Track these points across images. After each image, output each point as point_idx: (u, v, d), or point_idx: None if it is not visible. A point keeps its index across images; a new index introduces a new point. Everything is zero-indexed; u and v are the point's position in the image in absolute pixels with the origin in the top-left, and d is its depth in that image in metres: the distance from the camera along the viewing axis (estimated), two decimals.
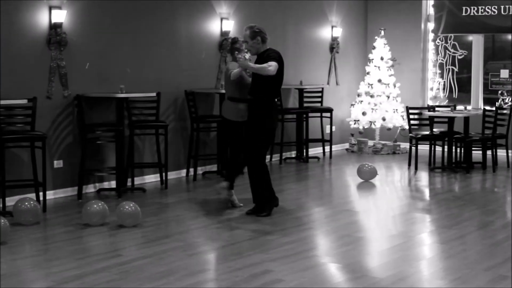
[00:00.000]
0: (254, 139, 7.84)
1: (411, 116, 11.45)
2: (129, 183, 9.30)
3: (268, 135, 7.88)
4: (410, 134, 11.33)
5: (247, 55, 7.98)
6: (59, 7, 8.69)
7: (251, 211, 7.92)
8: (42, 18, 8.60)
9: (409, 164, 11.41)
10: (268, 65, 7.55)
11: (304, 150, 12.07)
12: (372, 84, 13.07)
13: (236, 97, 8.10)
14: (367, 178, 10.03)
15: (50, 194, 8.58)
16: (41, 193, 8.10)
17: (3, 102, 7.83)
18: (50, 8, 8.65)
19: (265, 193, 7.87)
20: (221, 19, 10.97)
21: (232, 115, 8.15)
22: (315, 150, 12.64)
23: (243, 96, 8.00)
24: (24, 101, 8.02)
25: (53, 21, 8.65)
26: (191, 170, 10.26)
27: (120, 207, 7.34)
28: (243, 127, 8.01)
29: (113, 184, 9.20)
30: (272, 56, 7.70)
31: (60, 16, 8.67)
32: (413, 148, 11.26)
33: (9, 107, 8.13)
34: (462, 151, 11.12)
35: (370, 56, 13.31)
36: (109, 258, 6.16)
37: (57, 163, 8.81)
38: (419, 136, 11.15)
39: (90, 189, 9.14)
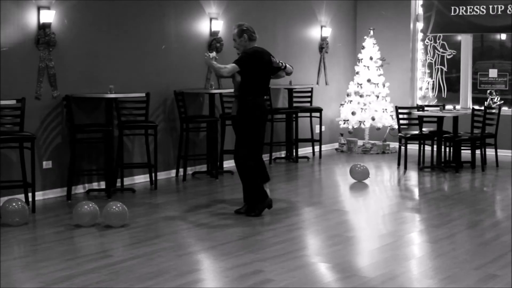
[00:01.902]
0: (239, 137, 7.89)
1: (401, 116, 11.47)
2: (118, 184, 9.28)
3: (251, 134, 7.85)
4: (400, 134, 11.35)
5: (213, 54, 8.03)
6: (48, 7, 8.66)
7: (240, 210, 7.91)
8: (31, 18, 8.57)
9: (399, 164, 11.43)
10: (224, 66, 7.78)
11: (294, 150, 12.07)
12: (361, 84, 13.09)
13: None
14: (359, 178, 10.04)
15: (39, 195, 8.54)
16: (30, 194, 8.07)
17: None
18: (39, 8, 8.62)
19: (254, 193, 7.86)
20: (210, 19, 10.96)
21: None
22: (304, 150, 12.65)
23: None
24: (13, 102, 7.99)
25: (41, 21, 8.62)
26: (181, 170, 10.24)
27: (107, 207, 7.32)
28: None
29: (102, 184, 9.18)
30: (240, 56, 7.89)
31: (49, 16, 8.64)
32: (403, 147, 11.29)
33: None
34: (451, 150, 11.15)
35: (359, 56, 13.32)
36: (98, 259, 6.15)
37: (46, 164, 8.79)
38: (409, 135, 11.17)
39: (79, 189, 9.11)
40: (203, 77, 10.85)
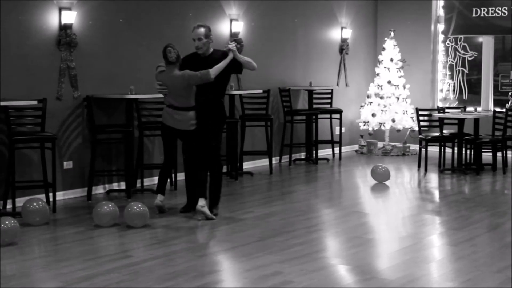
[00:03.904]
0: (215, 139, 7.84)
1: (421, 118, 11.43)
2: (138, 184, 9.31)
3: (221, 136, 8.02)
4: (420, 136, 11.30)
5: (233, 44, 7.88)
6: (69, 8, 8.71)
7: (185, 209, 8.02)
8: (52, 19, 8.62)
9: (419, 166, 11.38)
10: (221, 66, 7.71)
11: (314, 152, 12.05)
12: (381, 86, 13.05)
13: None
14: (380, 179, 10.01)
15: (60, 195, 8.59)
16: (51, 194, 8.12)
17: (14, 103, 7.85)
18: (60, 10, 8.67)
19: (219, 192, 7.95)
20: (231, 20, 10.98)
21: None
22: (324, 152, 12.62)
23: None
24: (34, 102, 8.03)
25: (63, 22, 8.67)
26: None
27: (128, 208, 7.34)
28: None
29: (122, 185, 9.22)
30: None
31: (70, 17, 8.69)
32: (423, 149, 11.23)
33: (19, 108, 8.16)
34: (472, 152, 11.08)
35: (380, 57, 13.28)
36: (118, 259, 6.17)
37: (67, 164, 8.83)
38: (429, 137, 11.12)
39: (99, 190, 9.15)
40: None
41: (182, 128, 7.78)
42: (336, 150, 12.64)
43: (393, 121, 12.87)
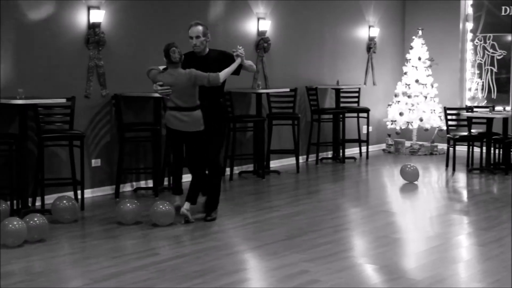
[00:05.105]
0: (218, 141, 7.69)
1: (449, 117, 11.36)
2: (166, 182, 9.34)
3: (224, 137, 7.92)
4: (448, 135, 11.23)
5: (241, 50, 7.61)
6: (98, 7, 8.76)
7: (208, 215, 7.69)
8: (81, 18, 8.68)
9: (447, 165, 11.31)
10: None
11: (341, 151, 12.02)
12: (409, 85, 12.99)
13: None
14: (409, 179, 9.96)
15: (88, 193, 8.65)
16: (79, 192, 8.18)
17: (43, 101, 7.92)
18: (89, 8, 8.73)
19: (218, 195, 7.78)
20: (258, 19, 10.98)
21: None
22: (351, 151, 12.58)
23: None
24: (63, 100, 8.09)
25: (91, 21, 8.72)
26: (228, 169, 10.27)
27: (154, 207, 7.37)
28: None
29: (150, 183, 9.26)
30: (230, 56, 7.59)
31: (99, 16, 8.74)
32: (451, 149, 11.16)
33: (48, 106, 8.23)
34: (501, 152, 11.00)
35: (408, 56, 13.22)
36: (145, 257, 6.20)
37: (95, 162, 8.89)
38: (457, 137, 11.05)
39: (127, 188, 9.20)
40: (251, 77, 10.86)
41: (191, 129, 7.38)
42: (363, 149, 12.60)
43: (421, 120, 12.81)
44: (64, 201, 7.49)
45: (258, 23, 10.98)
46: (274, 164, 11.08)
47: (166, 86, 7.36)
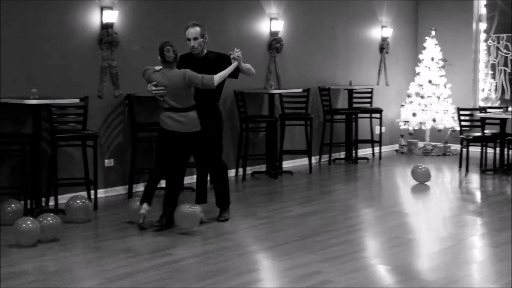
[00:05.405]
0: (217, 144, 7.57)
1: (462, 117, 11.33)
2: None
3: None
4: (461, 136, 11.20)
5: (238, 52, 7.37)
6: (111, 8, 8.79)
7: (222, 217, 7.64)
8: (94, 19, 8.71)
9: (460, 166, 11.27)
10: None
11: (353, 151, 12.00)
12: (422, 85, 12.96)
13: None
14: (421, 179, 9.94)
15: (101, 193, 8.67)
16: (92, 192, 8.20)
17: (56, 101, 7.95)
18: (102, 9, 8.75)
19: (228, 195, 7.75)
20: (270, 19, 10.98)
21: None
22: (364, 151, 12.57)
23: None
24: (76, 101, 8.11)
25: (104, 21, 8.75)
26: (240, 170, 10.27)
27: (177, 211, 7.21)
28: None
29: (163, 183, 9.24)
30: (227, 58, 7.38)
31: (112, 16, 8.76)
32: (464, 149, 11.12)
33: (62, 106, 8.26)
34: None
35: (420, 56, 13.19)
36: (159, 257, 6.21)
37: (108, 162, 8.92)
38: (470, 137, 11.01)
39: (140, 188, 9.20)
40: (263, 77, 10.87)
41: (189, 130, 7.13)
42: (376, 149, 12.58)
43: (434, 120, 12.77)
44: (78, 201, 7.53)
45: (271, 23, 10.98)
46: (286, 164, 11.08)
47: (161, 87, 7.12)
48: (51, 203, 8.05)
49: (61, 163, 8.23)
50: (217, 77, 7.15)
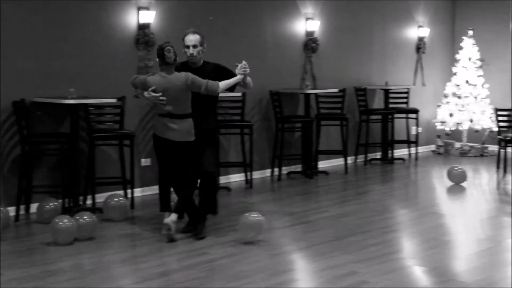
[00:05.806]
0: (212, 152, 7.15)
1: (500, 118, 11.21)
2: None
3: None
4: (499, 136, 11.08)
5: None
6: (147, 8, 8.84)
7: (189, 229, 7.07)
8: (131, 19, 8.77)
9: (498, 167, 11.15)
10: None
11: (390, 151, 11.94)
12: (459, 85, 12.85)
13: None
14: (456, 181, 9.86)
15: (138, 192, 8.72)
16: (129, 191, 8.26)
17: (93, 101, 8.02)
18: (139, 9, 8.81)
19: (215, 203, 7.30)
20: (306, 19, 10.96)
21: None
22: (400, 152, 12.49)
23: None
24: (113, 100, 8.18)
25: (141, 21, 8.81)
26: (276, 170, 10.27)
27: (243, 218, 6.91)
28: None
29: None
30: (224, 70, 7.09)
31: (148, 16, 8.82)
32: (502, 150, 11.01)
33: (99, 106, 8.33)
34: None
35: (457, 56, 13.08)
36: (194, 256, 6.23)
37: (145, 161, 8.97)
38: (508, 138, 10.89)
39: None
40: (299, 77, 10.86)
41: (180, 139, 6.75)
42: (413, 150, 12.50)
43: (471, 121, 12.66)
44: (115, 199, 7.60)
45: (306, 23, 10.96)
46: (322, 164, 11.05)
47: (160, 93, 6.66)
48: (89, 201, 8.11)
49: (98, 162, 8.29)
50: (222, 85, 6.84)
